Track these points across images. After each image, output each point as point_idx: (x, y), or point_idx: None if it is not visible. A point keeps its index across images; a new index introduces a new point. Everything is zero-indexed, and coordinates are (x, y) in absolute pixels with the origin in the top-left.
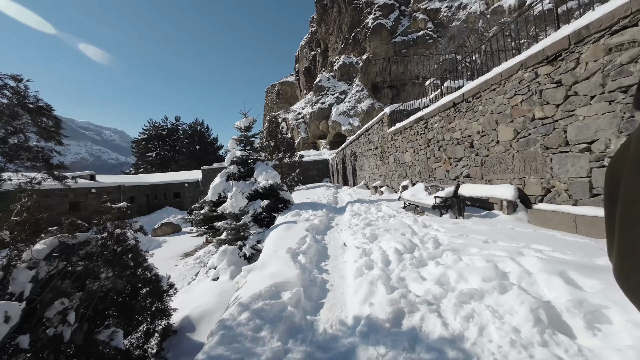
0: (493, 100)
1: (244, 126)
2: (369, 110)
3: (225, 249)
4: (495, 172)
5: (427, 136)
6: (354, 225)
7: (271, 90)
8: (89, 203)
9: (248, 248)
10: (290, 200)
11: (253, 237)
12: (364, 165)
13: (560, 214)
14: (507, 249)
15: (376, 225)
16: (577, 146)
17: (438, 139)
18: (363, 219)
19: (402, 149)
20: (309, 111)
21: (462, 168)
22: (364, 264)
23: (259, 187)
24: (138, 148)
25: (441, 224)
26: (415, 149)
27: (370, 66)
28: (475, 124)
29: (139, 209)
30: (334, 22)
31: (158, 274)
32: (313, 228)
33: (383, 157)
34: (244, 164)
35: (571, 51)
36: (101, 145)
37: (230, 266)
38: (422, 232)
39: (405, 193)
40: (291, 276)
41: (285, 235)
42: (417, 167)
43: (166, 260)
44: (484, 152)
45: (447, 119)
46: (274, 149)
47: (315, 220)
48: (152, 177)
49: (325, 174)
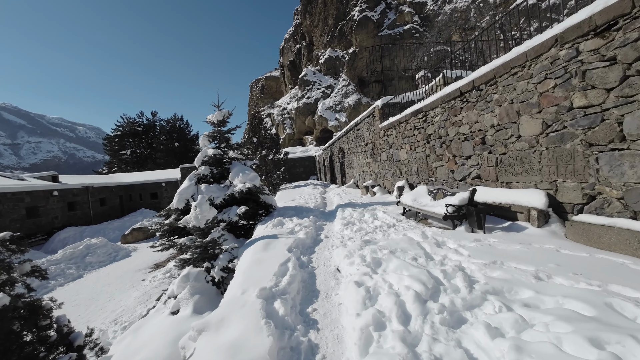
0: (513, 87)
1: (217, 120)
2: (356, 106)
3: (188, 274)
4: (516, 174)
5: (426, 131)
6: (348, 238)
7: (255, 85)
8: (51, 207)
9: (217, 271)
10: (272, 205)
11: (224, 256)
12: (354, 162)
13: (617, 230)
14: (580, 297)
15: (375, 241)
16: (638, 142)
17: (440, 134)
18: (357, 229)
19: (397, 145)
20: (295, 106)
21: (471, 168)
22: (372, 321)
23: (234, 192)
24: (111, 145)
25: (459, 241)
26: (412, 146)
27: (357, 60)
28: (489, 116)
29: (111, 211)
30: (319, 14)
31: (70, 330)
32: (298, 245)
33: (374, 154)
34: (218, 165)
35: (634, 16)
36: (75, 142)
37: (193, 295)
38: (438, 254)
39: (406, 197)
40: (260, 353)
41: (262, 259)
42: (414, 166)
43: (132, 273)
44: (499, 149)
45: (452, 111)
46: (257, 145)
47: (301, 232)
48: (126, 177)
49: (312, 172)
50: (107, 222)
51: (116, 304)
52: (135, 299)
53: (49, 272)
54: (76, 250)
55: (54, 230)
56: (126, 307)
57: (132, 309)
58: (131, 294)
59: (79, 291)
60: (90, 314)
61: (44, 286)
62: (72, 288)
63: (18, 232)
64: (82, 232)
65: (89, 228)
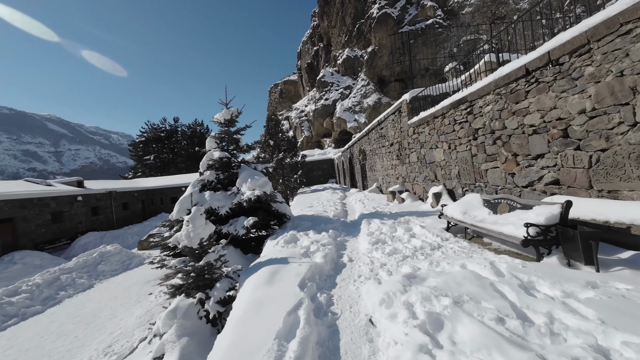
0: (625, 53)
1: (225, 119)
2: (375, 106)
3: (176, 308)
4: (630, 179)
5: (472, 125)
6: (379, 265)
7: (274, 89)
8: (75, 212)
9: (213, 304)
10: (286, 214)
11: (222, 283)
12: (376, 165)
13: None
14: None
15: (422, 275)
16: None
17: (492, 128)
18: (391, 251)
19: (430, 144)
20: (312, 108)
21: (543, 170)
22: None
23: (242, 200)
24: (136, 151)
25: (561, 285)
26: (452, 144)
27: (376, 59)
28: (576, 99)
29: (133, 216)
30: (336, 14)
31: None
32: (313, 274)
33: (401, 155)
34: (225, 169)
35: None
36: (109, 149)
37: (181, 338)
38: (537, 310)
39: (452, 209)
40: None
41: (263, 301)
42: (454, 168)
43: (141, 285)
44: (596, 143)
45: (513, 96)
46: (273, 148)
47: (318, 255)
48: (148, 182)
49: (330, 175)
50: (127, 227)
51: (116, 325)
52: (137, 318)
53: (59, 282)
54: (89, 258)
55: (77, 234)
56: (124, 330)
57: (130, 332)
58: (134, 311)
59: (85, 305)
60: (87, 335)
61: (52, 297)
62: (80, 300)
63: (43, 236)
64: (102, 237)
65: (108, 233)
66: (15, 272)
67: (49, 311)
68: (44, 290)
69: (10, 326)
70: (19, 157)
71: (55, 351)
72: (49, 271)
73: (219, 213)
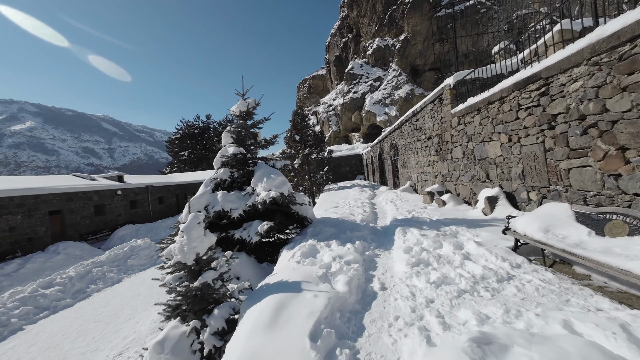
0: None
1: (241, 112)
2: (408, 97)
3: (164, 339)
4: None
5: (546, 110)
6: (425, 304)
7: (302, 85)
8: (115, 205)
9: (208, 336)
10: (307, 217)
11: (220, 310)
12: (410, 161)
13: None
14: None
15: (499, 333)
16: None
17: (584, 112)
18: (438, 280)
19: (482, 136)
20: (340, 102)
21: None
22: None
23: (256, 202)
24: (172, 147)
25: None
26: (513, 135)
27: (410, 47)
28: None
29: (168, 209)
30: (366, 3)
31: None
32: (332, 313)
33: (442, 150)
34: (240, 166)
35: None
36: (153, 146)
37: None
38: None
39: (527, 226)
40: None
41: (260, 357)
42: (515, 166)
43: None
44: None
45: (624, 65)
46: (299, 144)
47: (340, 278)
48: (182, 177)
49: (359, 171)
50: (161, 220)
51: (131, 328)
52: (152, 322)
53: (91, 276)
54: (120, 252)
55: (117, 226)
56: (138, 335)
57: (143, 338)
58: (150, 313)
59: (110, 301)
60: (104, 337)
61: (83, 291)
62: (106, 296)
63: (87, 228)
64: (137, 229)
65: (144, 226)
66: (58, 262)
67: (77, 305)
68: (76, 283)
69: (41, 319)
70: (80, 154)
71: (71, 353)
72: (82, 264)
73: (232, 216)
